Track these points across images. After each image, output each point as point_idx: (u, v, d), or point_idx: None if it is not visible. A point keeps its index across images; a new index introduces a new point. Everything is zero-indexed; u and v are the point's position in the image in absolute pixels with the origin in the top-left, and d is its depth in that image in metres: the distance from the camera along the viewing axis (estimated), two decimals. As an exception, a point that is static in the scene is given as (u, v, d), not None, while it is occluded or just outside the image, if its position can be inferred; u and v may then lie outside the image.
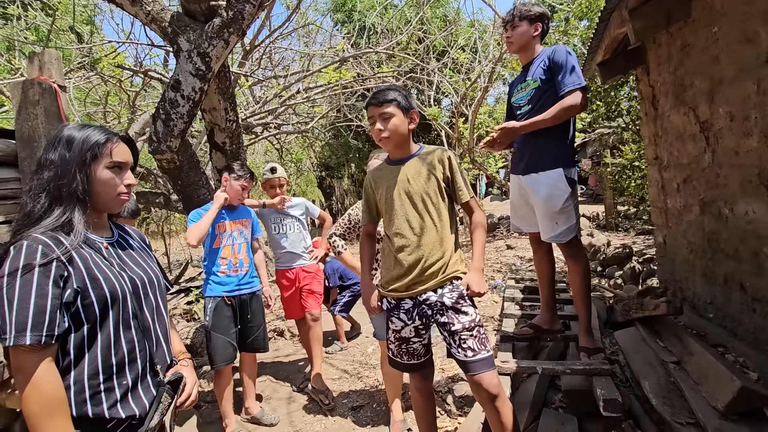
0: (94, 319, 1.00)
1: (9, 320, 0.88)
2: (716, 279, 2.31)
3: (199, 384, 3.30)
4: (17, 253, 0.92)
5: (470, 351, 1.52)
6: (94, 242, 1.08)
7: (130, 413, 1.02)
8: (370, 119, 1.63)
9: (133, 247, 1.22)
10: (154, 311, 1.16)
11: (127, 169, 1.12)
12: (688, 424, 1.51)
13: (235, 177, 2.60)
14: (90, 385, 0.98)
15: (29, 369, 0.89)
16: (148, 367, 1.11)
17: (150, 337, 1.13)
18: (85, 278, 0.99)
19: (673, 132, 2.73)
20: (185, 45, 2.77)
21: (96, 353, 1.00)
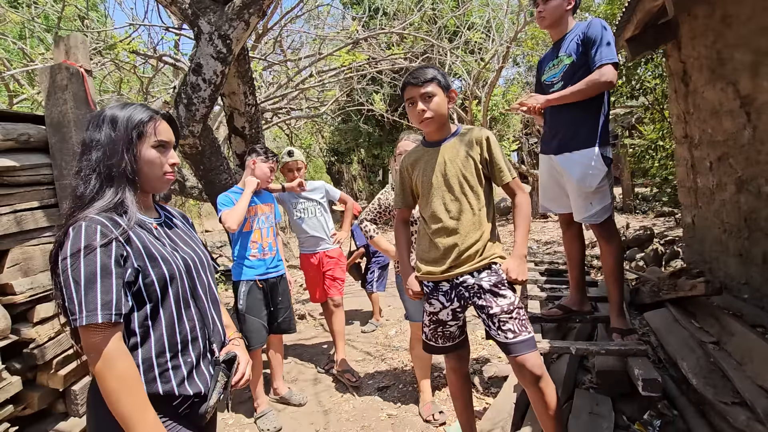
0: (156, 298, 1.01)
1: (77, 300, 0.89)
2: (753, 259, 2.26)
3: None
4: (77, 235, 0.92)
5: (510, 333, 1.51)
6: (145, 223, 1.08)
7: (196, 390, 1.04)
8: (409, 100, 1.58)
9: (179, 227, 1.22)
10: (206, 290, 1.16)
11: (170, 148, 1.11)
12: (733, 404, 1.50)
13: (263, 159, 2.59)
14: (158, 363, 0.99)
15: (102, 347, 0.90)
16: (208, 345, 1.13)
17: (207, 316, 1.14)
18: (144, 257, 0.99)
19: (707, 108, 2.64)
20: (206, 27, 2.73)
21: (161, 331, 1.01)
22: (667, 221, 6.17)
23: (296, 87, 6.48)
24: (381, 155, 13.86)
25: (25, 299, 1.96)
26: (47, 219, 2.12)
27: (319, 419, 2.55)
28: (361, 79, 7.71)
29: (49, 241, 2.14)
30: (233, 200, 2.53)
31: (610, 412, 1.87)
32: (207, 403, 1.07)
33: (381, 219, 2.50)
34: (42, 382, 2.07)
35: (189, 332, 1.06)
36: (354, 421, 2.48)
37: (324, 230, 3.09)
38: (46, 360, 2.02)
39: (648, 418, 1.88)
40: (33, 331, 2.00)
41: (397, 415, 2.49)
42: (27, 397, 2.00)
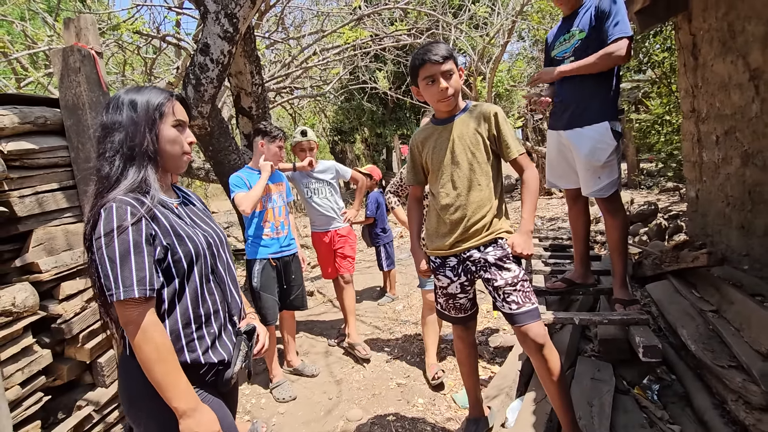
0: (183, 274, 1.07)
1: (114, 277, 0.95)
2: (755, 231, 2.30)
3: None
4: (108, 215, 0.97)
5: (515, 304, 1.57)
6: (167, 203, 1.12)
7: (220, 357, 1.11)
8: (429, 78, 1.56)
9: (197, 206, 1.28)
10: (225, 266, 1.23)
11: (186, 127, 1.16)
12: (730, 367, 1.57)
13: (270, 139, 2.62)
14: (185, 333, 1.07)
15: (139, 320, 0.97)
16: (228, 317, 1.20)
17: (226, 290, 1.20)
18: (172, 236, 1.05)
19: (716, 82, 2.63)
20: (212, 6, 2.72)
21: (186, 305, 1.08)
22: (671, 196, 6.18)
23: (299, 66, 6.42)
24: (384, 134, 13.78)
25: (50, 277, 2.04)
26: (67, 200, 2.19)
27: (331, 388, 2.67)
28: (365, 57, 7.62)
29: (70, 222, 2.21)
30: (245, 181, 2.57)
31: (611, 377, 1.96)
32: (231, 370, 1.14)
33: (403, 192, 2.63)
34: (70, 355, 2.18)
35: (211, 305, 1.13)
36: (365, 389, 2.60)
37: (335, 209, 3.15)
38: (73, 334, 2.12)
39: (647, 382, 1.97)
40: (60, 307, 2.09)
41: (405, 383, 2.60)
42: (57, 369, 2.11)
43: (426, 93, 1.61)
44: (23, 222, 1.98)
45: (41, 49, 4.31)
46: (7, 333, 1.79)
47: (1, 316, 1.77)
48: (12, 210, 1.92)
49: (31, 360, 1.90)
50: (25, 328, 1.91)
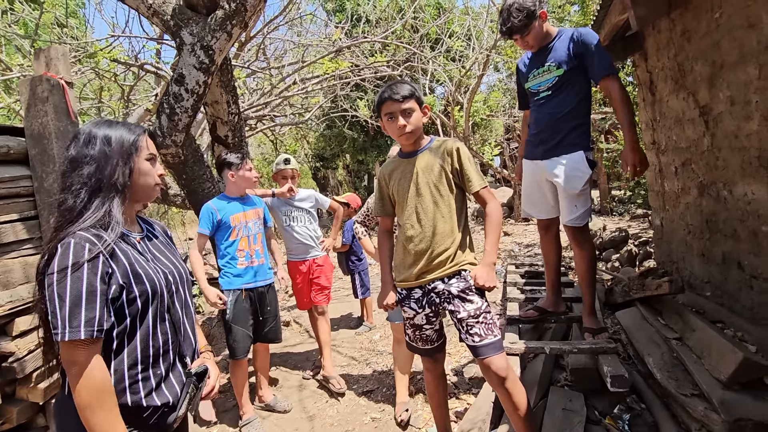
0: (135, 313, 1.04)
1: (61, 316, 0.92)
2: (714, 258, 2.39)
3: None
4: (65, 251, 0.95)
5: (477, 336, 1.58)
6: (129, 237, 1.11)
7: (164, 400, 1.07)
8: (388, 115, 1.63)
9: (159, 240, 1.25)
10: (183, 303, 1.20)
11: (156, 160, 1.17)
12: (692, 396, 1.60)
13: (236, 167, 2.61)
14: (129, 375, 1.03)
15: (82, 362, 0.93)
16: (178, 357, 1.16)
17: (180, 329, 1.17)
18: (129, 274, 1.02)
19: (672, 117, 2.79)
20: (188, 38, 2.76)
21: (135, 345, 1.04)
22: (641, 223, 6.39)
23: (279, 95, 6.51)
24: (366, 160, 13.94)
25: (4, 312, 1.95)
26: (27, 231, 2.12)
27: (303, 425, 2.58)
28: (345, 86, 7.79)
29: (29, 254, 2.13)
30: (214, 214, 2.55)
31: (583, 407, 1.95)
32: (175, 413, 1.10)
33: (370, 222, 2.63)
34: (21, 395, 2.05)
35: (161, 346, 1.09)
36: (338, 425, 2.52)
37: (313, 237, 3.13)
38: (26, 373, 2.00)
39: (618, 412, 1.98)
40: (12, 344, 1.99)
41: (380, 418, 2.53)
42: (6, 411, 1.98)
43: (387, 128, 1.67)
44: (-23, 255, 1.90)
45: (14, 75, 4.25)
46: (-49, 374, 1.68)
47: (-55, 355, 1.67)
48: (-35, 242, 1.85)
49: (-23, 403, 1.78)
50: (-29, 368, 1.80)
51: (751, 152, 1.91)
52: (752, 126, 1.88)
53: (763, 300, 1.94)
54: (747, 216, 2.02)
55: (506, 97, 11.07)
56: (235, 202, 2.66)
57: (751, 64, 1.85)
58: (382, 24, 8.16)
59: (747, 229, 2.03)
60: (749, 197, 1.98)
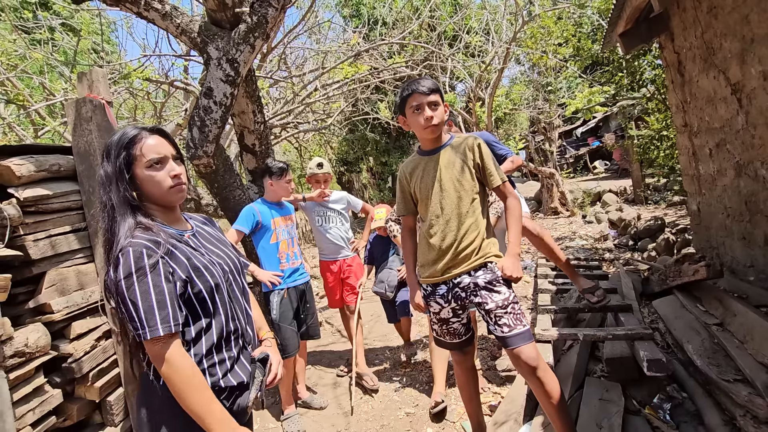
0: (204, 303, 1.11)
1: (138, 318, 1.00)
2: (756, 241, 2.29)
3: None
4: (126, 260, 1.02)
5: (506, 327, 1.58)
6: (180, 236, 1.16)
7: (239, 380, 1.14)
8: (415, 107, 1.64)
9: (209, 233, 1.30)
10: (241, 290, 1.26)
11: (167, 162, 1.13)
12: (735, 381, 1.55)
13: (277, 177, 2.73)
14: (207, 359, 1.10)
15: (167, 355, 1.01)
16: (244, 341, 1.22)
17: (243, 315, 1.23)
18: (189, 270, 1.09)
19: (703, 97, 2.69)
20: (214, 53, 2.90)
21: (211, 332, 1.12)
22: (678, 210, 6.13)
23: (302, 102, 6.67)
24: (389, 162, 14.00)
25: (62, 317, 2.11)
26: (78, 241, 2.29)
27: (339, 421, 2.64)
28: (365, 89, 7.88)
29: (81, 262, 2.30)
30: (256, 214, 2.67)
31: (620, 397, 1.92)
32: (247, 396, 1.16)
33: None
34: (80, 394, 2.21)
35: (232, 331, 1.17)
36: (373, 420, 2.57)
37: (344, 239, 3.21)
38: (83, 373, 2.16)
39: (658, 401, 1.93)
40: (70, 346, 2.15)
41: (414, 413, 2.57)
42: (67, 409, 2.14)
43: (412, 121, 1.69)
44: (37, 264, 2.07)
45: (58, 100, 4.57)
46: (20, 374, 1.84)
47: (14, 357, 1.83)
48: (27, 253, 2.01)
49: (43, 400, 1.94)
50: (36, 369, 1.96)
51: (789, 127, 1.83)
52: (788, 100, 1.81)
53: (810, 281, 1.85)
54: (788, 194, 1.93)
55: (529, 89, 10.88)
56: (273, 207, 2.78)
57: (784, 35, 1.78)
58: (399, 25, 8.22)
59: (789, 208, 1.95)
60: (789, 175, 1.90)
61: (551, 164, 10.09)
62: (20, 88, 5.00)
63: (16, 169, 2.00)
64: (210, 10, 2.95)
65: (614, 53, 5.37)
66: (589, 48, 6.07)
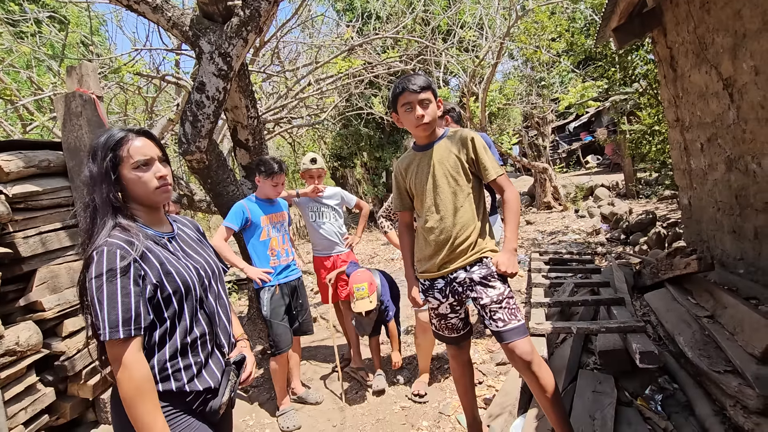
0: (171, 308, 1.11)
1: (102, 318, 1.00)
2: (746, 234, 2.32)
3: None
4: (99, 259, 1.02)
5: (501, 321, 1.59)
6: (159, 238, 1.16)
7: (206, 385, 1.14)
8: (406, 105, 1.64)
9: (191, 237, 1.31)
10: (216, 297, 1.26)
11: (153, 163, 1.14)
12: (726, 372, 1.57)
13: (265, 176, 2.68)
14: (171, 364, 1.10)
15: (123, 359, 1.01)
16: (216, 346, 1.23)
17: (214, 320, 1.23)
18: (161, 273, 1.09)
19: (695, 92, 2.71)
20: (206, 47, 2.86)
21: (175, 337, 1.12)
22: (669, 204, 6.20)
23: (295, 97, 6.62)
24: (383, 157, 13.97)
25: (54, 315, 2.09)
26: (69, 238, 2.26)
27: (335, 416, 2.65)
28: (359, 84, 7.84)
29: (73, 259, 2.27)
30: (246, 211, 2.64)
31: (613, 389, 1.94)
32: (219, 399, 1.17)
33: (395, 217, 2.68)
34: (73, 392, 2.19)
35: (199, 337, 1.16)
36: (369, 415, 2.58)
37: (338, 235, 3.20)
38: (76, 371, 2.14)
39: (650, 392, 1.96)
40: (63, 344, 2.13)
41: (410, 407, 2.58)
42: (60, 407, 2.12)
43: (404, 119, 1.68)
44: (27, 262, 2.04)
45: (46, 94, 4.49)
46: (11, 372, 1.82)
47: (5, 355, 1.81)
48: (16, 250, 1.98)
49: (35, 399, 1.92)
50: (28, 367, 1.94)
51: (779, 122, 1.85)
52: (779, 95, 1.83)
53: (798, 274, 1.89)
54: (778, 188, 1.96)
55: (522, 84, 10.89)
56: (264, 204, 2.75)
57: (775, 30, 1.79)
58: (392, 19, 8.17)
59: (778, 202, 1.97)
60: (779, 169, 1.92)
61: (544, 159, 10.14)
62: (7, 82, 4.91)
63: (5, 165, 1.96)
64: (201, 3, 2.90)
65: (607, 48, 5.39)
66: (582, 43, 6.09)
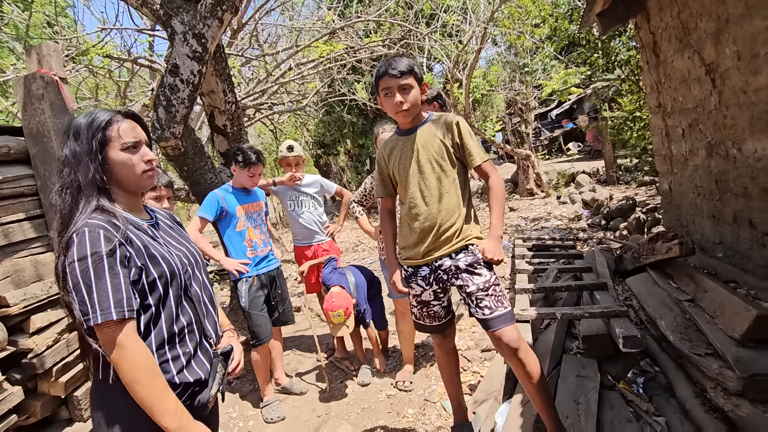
0: (157, 295, 1.05)
1: (91, 302, 0.93)
2: (725, 219, 2.36)
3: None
4: (81, 240, 0.95)
5: (487, 309, 1.57)
6: (138, 224, 1.10)
7: (196, 377, 1.10)
8: (385, 90, 1.58)
9: (170, 226, 1.26)
10: (201, 286, 1.21)
11: (141, 146, 1.11)
12: (706, 355, 1.60)
13: (241, 166, 2.58)
14: (158, 354, 1.04)
15: (120, 341, 0.95)
16: (203, 336, 1.18)
17: (200, 311, 1.18)
18: (145, 257, 1.03)
19: (677, 77, 2.72)
20: (179, 27, 2.72)
21: (161, 325, 1.06)
22: (648, 190, 6.32)
23: (276, 81, 6.44)
24: (366, 144, 13.84)
25: (19, 310, 1.98)
26: (34, 230, 2.14)
27: (320, 406, 2.63)
28: (342, 69, 7.67)
29: (39, 252, 2.15)
30: (220, 201, 2.55)
31: (596, 373, 1.96)
32: (208, 392, 1.12)
33: (367, 201, 2.62)
34: (43, 390, 2.10)
35: (186, 326, 1.11)
36: (354, 404, 2.57)
37: (318, 223, 3.13)
38: (46, 368, 2.04)
39: (632, 376, 1.98)
40: (30, 341, 2.02)
41: (395, 395, 2.57)
42: (29, 406, 2.03)
43: (384, 104, 1.62)
44: (-12, 255, 1.92)
45: (9, 77, 4.23)
46: (-26, 372, 1.72)
47: (-34, 354, 1.70)
48: (-25, 243, 1.86)
49: (1, 398, 1.83)
50: (-7, 366, 1.84)
51: (761, 107, 1.86)
52: (761, 80, 1.83)
53: (775, 257, 1.92)
54: (758, 173, 1.98)
55: (506, 70, 10.87)
56: (240, 193, 2.66)
57: (758, 15, 1.78)
58: (375, 2, 7.98)
59: (758, 187, 2.00)
60: (759, 153, 1.94)
61: (527, 146, 10.20)
62: (-35, 64, 4.61)
63: (-42, 151, 1.82)
64: (172, -21, 2.74)
65: (590, 34, 5.39)
66: (566, 28, 6.07)
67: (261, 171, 2.67)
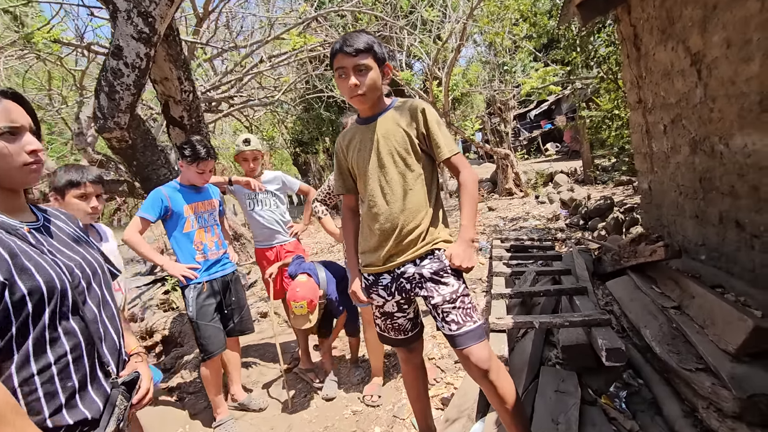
0: (25, 315, 0.84)
1: None
2: (709, 219, 2.24)
3: (180, 375, 3.14)
4: None
5: (454, 324, 1.37)
6: (16, 228, 0.90)
7: (79, 417, 0.88)
8: (339, 70, 1.36)
9: (63, 230, 1.05)
10: (99, 303, 1.00)
11: (24, 132, 0.94)
12: (697, 370, 1.44)
13: (188, 161, 2.30)
14: (23, 391, 0.83)
15: None
16: (98, 366, 0.96)
17: (97, 332, 0.96)
18: (11, 268, 0.82)
19: (659, 70, 2.59)
20: (122, 4, 2.43)
21: (28, 354, 0.84)
22: (625, 190, 6.30)
23: (246, 73, 6.13)
24: (346, 143, 13.58)
25: None
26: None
27: (280, 423, 2.40)
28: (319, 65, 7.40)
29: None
30: (165, 199, 2.28)
31: (577, 387, 1.79)
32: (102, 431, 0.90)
33: (331, 200, 2.41)
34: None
35: (69, 352, 0.89)
36: (317, 422, 2.34)
37: (280, 223, 2.88)
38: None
39: (614, 390, 1.82)
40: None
41: (361, 411, 2.36)
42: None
43: (339, 86, 1.40)
44: None
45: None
46: None
47: None
48: None
49: None
50: None
51: (752, 98, 1.73)
52: (752, 68, 1.69)
53: (766, 260, 1.79)
54: (747, 170, 1.85)
55: (485, 69, 10.79)
56: (188, 191, 2.39)
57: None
58: (352, -4, 7.74)
59: (746, 185, 1.87)
60: (749, 149, 1.81)
61: (506, 145, 10.14)
62: None
63: None
64: (112, -51, 2.45)
65: (569, 30, 5.30)
66: (545, 24, 5.97)
67: (212, 167, 2.40)
